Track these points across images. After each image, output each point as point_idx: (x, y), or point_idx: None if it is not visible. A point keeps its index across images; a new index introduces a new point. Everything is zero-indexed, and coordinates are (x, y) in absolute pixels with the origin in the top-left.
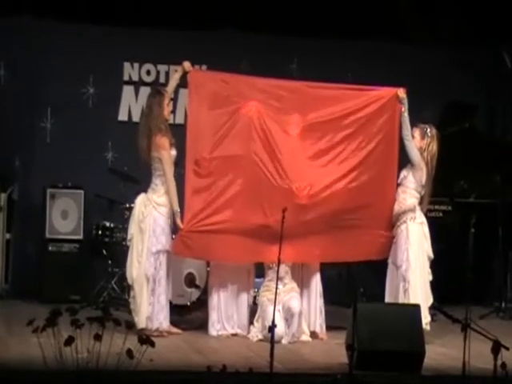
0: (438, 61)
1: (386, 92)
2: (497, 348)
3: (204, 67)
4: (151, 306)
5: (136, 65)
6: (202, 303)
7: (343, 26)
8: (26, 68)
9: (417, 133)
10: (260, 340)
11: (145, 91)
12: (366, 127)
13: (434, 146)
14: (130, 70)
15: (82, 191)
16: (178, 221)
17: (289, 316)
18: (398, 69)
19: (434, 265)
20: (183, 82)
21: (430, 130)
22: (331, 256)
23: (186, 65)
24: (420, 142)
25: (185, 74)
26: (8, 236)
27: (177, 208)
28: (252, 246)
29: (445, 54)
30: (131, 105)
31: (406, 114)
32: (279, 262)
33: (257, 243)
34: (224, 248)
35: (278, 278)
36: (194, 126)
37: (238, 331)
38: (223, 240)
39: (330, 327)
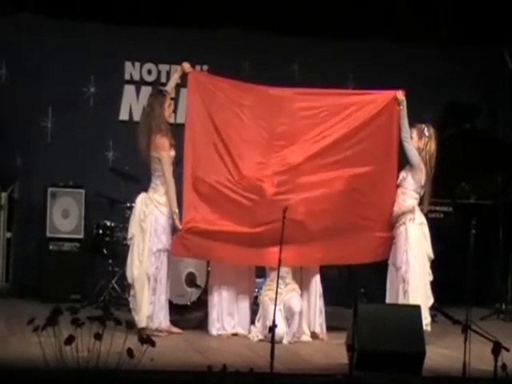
0: (439, 62)
1: (384, 95)
2: (497, 349)
3: (205, 67)
4: (152, 305)
5: (137, 64)
6: (202, 303)
7: (344, 27)
8: (27, 67)
9: (414, 133)
10: (260, 340)
11: (146, 91)
12: (365, 130)
13: (433, 146)
14: (131, 70)
15: (82, 190)
16: (177, 222)
17: (289, 315)
18: (399, 69)
19: (435, 266)
20: (185, 82)
21: (428, 130)
22: (332, 259)
23: (186, 66)
24: (418, 142)
25: (184, 74)
26: (9, 235)
27: (175, 209)
28: (251, 250)
29: (445, 55)
30: (132, 104)
31: (404, 117)
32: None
33: (256, 247)
34: (222, 251)
35: (280, 278)
36: (192, 127)
37: (239, 331)
38: (221, 243)
39: (330, 328)
